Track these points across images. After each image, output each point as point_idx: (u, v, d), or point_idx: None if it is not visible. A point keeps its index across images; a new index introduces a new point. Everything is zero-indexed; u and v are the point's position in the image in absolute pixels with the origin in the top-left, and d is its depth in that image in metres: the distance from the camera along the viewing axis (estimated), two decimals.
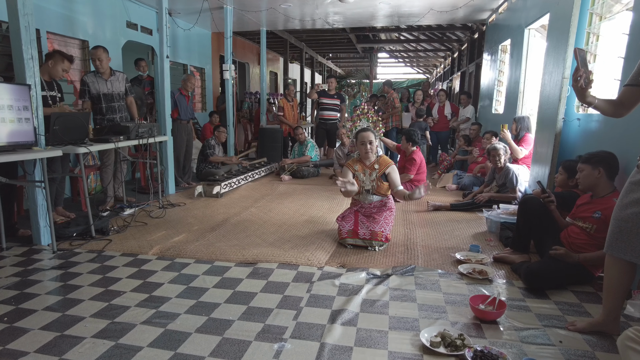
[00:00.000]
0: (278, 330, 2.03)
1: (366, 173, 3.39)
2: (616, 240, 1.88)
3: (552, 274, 2.49)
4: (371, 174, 3.37)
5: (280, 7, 6.60)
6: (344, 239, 3.27)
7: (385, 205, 3.43)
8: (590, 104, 2.01)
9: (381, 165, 3.37)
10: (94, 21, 5.39)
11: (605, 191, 2.47)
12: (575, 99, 3.54)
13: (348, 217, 3.36)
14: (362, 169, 3.41)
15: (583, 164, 2.53)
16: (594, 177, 2.47)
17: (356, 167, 3.42)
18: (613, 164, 2.47)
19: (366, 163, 3.41)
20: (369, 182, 3.37)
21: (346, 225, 3.31)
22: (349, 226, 3.29)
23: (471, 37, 9.61)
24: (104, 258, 3.00)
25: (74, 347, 1.88)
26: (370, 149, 3.35)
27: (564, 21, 3.60)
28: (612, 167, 2.46)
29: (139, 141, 3.98)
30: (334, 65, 18.50)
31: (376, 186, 3.36)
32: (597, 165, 2.45)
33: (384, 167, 3.35)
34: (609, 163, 2.46)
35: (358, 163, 3.44)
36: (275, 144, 7.47)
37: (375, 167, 3.37)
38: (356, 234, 3.24)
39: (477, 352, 1.80)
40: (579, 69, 1.94)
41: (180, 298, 2.38)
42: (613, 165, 2.46)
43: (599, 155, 2.48)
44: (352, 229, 3.27)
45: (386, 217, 3.32)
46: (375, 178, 3.35)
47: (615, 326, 2.00)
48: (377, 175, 3.35)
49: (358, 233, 3.23)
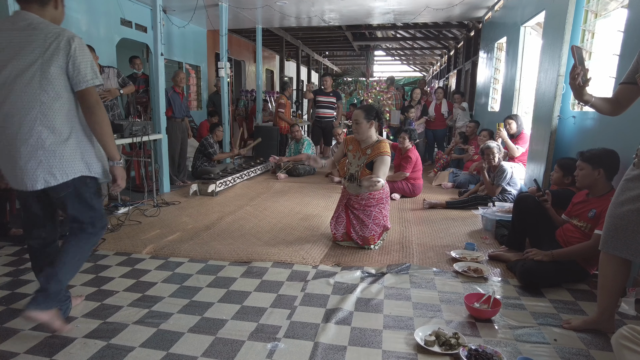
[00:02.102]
0: (271, 330, 2.01)
1: (356, 156, 3.22)
2: (611, 237, 1.87)
3: (547, 272, 2.48)
4: (360, 158, 3.19)
5: (275, 5, 6.57)
6: (338, 242, 3.27)
7: (374, 200, 3.18)
8: (587, 102, 2.00)
9: (373, 152, 3.12)
10: (87, 18, 5.34)
11: (603, 191, 2.45)
12: (570, 96, 3.54)
13: (340, 219, 3.27)
14: (355, 150, 3.24)
15: (583, 162, 2.46)
16: (593, 178, 2.43)
17: (350, 147, 3.29)
18: (614, 164, 2.41)
19: (361, 145, 3.21)
20: (355, 166, 3.19)
21: (339, 228, 3.26)
22: (342, 228, 3.25)
23: (467, 35, 9.61)
24: (96, 257, 2.97)
25: (65, 348, 1.86)
26: (356, 129, 3.14)
27: (560, 19, 3.59)
28: (612, 168, 2.41)
29: (133, 139, 3.94)
30: (330, 63, 18.47)
31: (360, 172, 3.15)
32: (597, 166, 2.40)
33: (374, 156, 3.11)
34: (610, 164, 2.40)
35: (354, 143, 3.28)
36: (271, 142, 7.44)
37: (367, 153, 3.15)
38: (349, 237, 3.22)
39: (472, 351, 1.80)
40: (576, 67, 1.93)
41: (173, 297, 2.36)
42: (614, 167, 2.41)
43: (600, 156, 2.41)
44: (345, 232, 3.24)
45: (375, 216, 3.16)
46: (362, 164, 3.16)
47: (610, 324, 1.99)
48: (365, 162, 3.14)
49: (351, 236, 3.20)
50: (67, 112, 1.89)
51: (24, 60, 1.81)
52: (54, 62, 1.82)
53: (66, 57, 1.83)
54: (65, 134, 1.89)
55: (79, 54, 1.86)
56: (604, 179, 2.43)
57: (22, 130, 1.82)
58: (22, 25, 1.83)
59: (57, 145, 1.86)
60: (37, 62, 1.81)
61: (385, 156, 3.09)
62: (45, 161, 1.85)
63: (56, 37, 1.82)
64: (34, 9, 1.87)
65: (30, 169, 1.85)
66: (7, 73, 1.81)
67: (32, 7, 1.87)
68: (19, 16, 1.87)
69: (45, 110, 1.83)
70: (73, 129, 1.91)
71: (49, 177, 1.87)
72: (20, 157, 1.84)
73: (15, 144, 1.83)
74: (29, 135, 1.82)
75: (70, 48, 1.83)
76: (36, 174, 1.85)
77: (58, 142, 1.87)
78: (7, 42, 1.82)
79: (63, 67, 1.84)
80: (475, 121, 6.54)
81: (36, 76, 1.81)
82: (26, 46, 1.81)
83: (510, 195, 4.15)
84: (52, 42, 1.81)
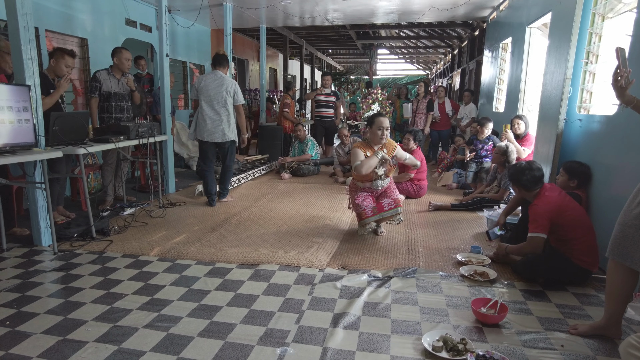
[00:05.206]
0: (280, 334, 2.03)
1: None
2: (618, 245, 1.88)
3: (544, 265, 2.58)
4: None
5: (279, 4, 6.56)
6: (367, 219, 3.40)
7: (389, 183, 3.60)
8: (630, 102, 1.98)
9: (388, 149, 3.42)
10: (92, 19, 5.36)
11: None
12: (577, 99, 3.53)
13: (367, 199, 3.46)
14: (372, 154, 3.42)
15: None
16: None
17: (368, 152, 3.44)
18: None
19: (375, 148, 3.43)
20: (381, 168, 3.41)
21: (368, 204, 3.42)
22: (372, 204, 3.44)
23: (472, 34, 9.58)
24: (105, 259, 3.00)
25: (77, 352, 1.88)
26: (385, 135, 3.38)
27: (566, 21, 3.58)
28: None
29: (139, 141, 3.96)
30: (333, 61, 18.44)
31: (387, 170, 3.45)
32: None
33: (392, 151, 3.45)
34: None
35: (367, 148, 3.45)
36: (275, 142, 7.45)
37: (384, 152, 3.41)
38: (382, 207, 3.41)
39: (480, 356, 1.81)
40: (619, 68, 1.93)
41: (181, 301, 2.38)
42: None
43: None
44: (377, 206, 3.42)
45: (393, 186, 3.61)
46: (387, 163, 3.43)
47: (617, 330, 2.00)
48: (390, 159, 3.44)
49: (383, 206, 3.40)
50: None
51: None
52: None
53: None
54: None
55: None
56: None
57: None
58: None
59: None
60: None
61: (398, 147, 3.56)
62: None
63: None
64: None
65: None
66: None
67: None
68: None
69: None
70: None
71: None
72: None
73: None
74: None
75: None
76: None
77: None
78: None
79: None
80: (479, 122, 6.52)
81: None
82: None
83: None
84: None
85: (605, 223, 2.73)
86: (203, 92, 4.34)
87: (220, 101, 4.32)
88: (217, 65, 4.43)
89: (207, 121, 4.36)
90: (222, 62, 4.45)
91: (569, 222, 2.51)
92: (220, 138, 4.38)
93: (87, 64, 5.29)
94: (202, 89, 4.34)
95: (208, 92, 4.32)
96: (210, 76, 4.37)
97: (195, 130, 4.49)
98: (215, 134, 4.37)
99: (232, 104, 4.40)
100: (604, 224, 2.75)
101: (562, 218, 2.52)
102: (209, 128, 4.36)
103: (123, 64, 4.23)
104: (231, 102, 4.38)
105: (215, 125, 4.35)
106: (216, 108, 4.32)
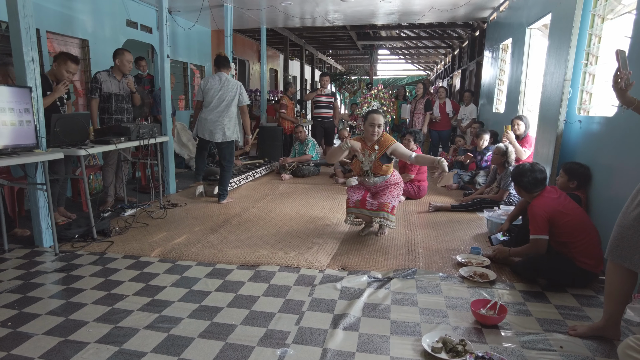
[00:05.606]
0: (280, 336, 2.04)
1: (365, 154, 3.46)
2: (617, 247, 1.88)
3: (546, 265, 2.57)
4: (370, 155, 3.44)
5: (280, 5, 6.58)
6: (350, 209, 3.45)
7: (389, 183, 3.53)
8: (631, 104, 1.99)
9: (381, 146, 3.41)
10: (93, 20, 5.37)
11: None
12: (576, 100, 3.54)
13: (359, 190, 3.52)
14: (363, 149, 3.46)
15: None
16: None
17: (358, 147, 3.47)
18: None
19: (367, 143, 3.46)
20: (367, 163, 3.44)
21: (355, 195, 3.47)
22: (357, 196, 3.47)
23: (472, 35, 9.59)
24: (105, 260, 3.01)
25: (78, 353, 1.89)
26: (377, 132, 3.39)
27: (566, 22, 3.59)
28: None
29: (140, 142, 3.97)
30: (334, 62, 18.46)
31: (373, 167, 3.44)
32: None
33: (384, 148, 3.40)
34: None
35: (360, 142, 3.49)
36: (275, 143, 7.45)
37: (375, 148, 3.42)
38: (364, 204, 3.42)
39: (479, 358, 1.82)
40: (620, 70, 1.93)
41: (182, 302, 2.39)
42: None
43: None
44: (360, 199, 3.44)
45: (391, 190, 3.50)
46: (374, 159, 3.42)
47: (616, 331, 2.01)
48: (376, 157, 3.41)
49: (365, 204, 3.41)
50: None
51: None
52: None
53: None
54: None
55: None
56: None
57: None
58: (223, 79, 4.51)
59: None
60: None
61: (396, 143, 3.42)
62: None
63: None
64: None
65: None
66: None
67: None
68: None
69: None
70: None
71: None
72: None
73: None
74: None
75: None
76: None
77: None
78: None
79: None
80: (480, 122, 6.54)
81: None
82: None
83: (516, 198, 4.15)
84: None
85: (604, 224, 2.73)
86: (208, 93, 4.50)
87: (224, 102, 4.48)
88: (221, 67, 4.55)
89: (209, 121, 4.49)
90: (225, 63, 4.58)
91: (567, 226, 2.51)
92: (221, 138, 4.52)
93: (88, 65, 5.30)
94: (208, 90, 4.50)
95: (213, 93, 4.48)
96: (215, 78, 4.53)
97: (197, 128, 4.61)
98: (216, 134, 4.51)
99: (237, 104, 4.56)
100: (603, 225, 2.76)
101: (559, 221, 2.52)
102: (211, 128, 4.51)
103: (125, 66, 4.24)
104: (236, 103, 4.54)
105: (216, 125, 4.50)
106: (220, 109, 4.48)
